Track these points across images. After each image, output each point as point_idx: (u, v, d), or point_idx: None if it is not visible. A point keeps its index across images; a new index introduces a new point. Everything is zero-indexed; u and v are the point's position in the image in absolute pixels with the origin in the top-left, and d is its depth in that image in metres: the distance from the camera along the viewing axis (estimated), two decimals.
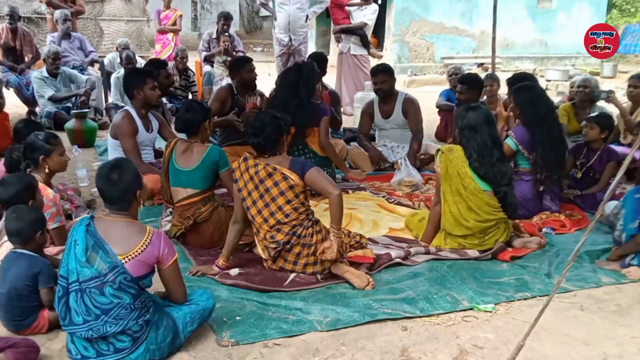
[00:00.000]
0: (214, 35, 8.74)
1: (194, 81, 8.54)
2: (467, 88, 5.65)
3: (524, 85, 4.59)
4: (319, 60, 6.20)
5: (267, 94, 5.75)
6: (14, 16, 8.28)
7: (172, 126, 5.49)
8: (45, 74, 7.52)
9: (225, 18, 8.72)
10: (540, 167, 4.28)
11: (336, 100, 6.50)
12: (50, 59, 7.46)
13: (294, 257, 3.31)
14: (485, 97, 6.39)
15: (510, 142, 4.30)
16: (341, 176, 5.46)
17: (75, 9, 9.49)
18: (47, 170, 3.53)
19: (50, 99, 7.47)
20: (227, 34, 8.61)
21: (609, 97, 5.73)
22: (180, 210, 3.76)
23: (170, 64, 8.46)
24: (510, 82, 5.40)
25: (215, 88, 7.95)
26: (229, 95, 5.53)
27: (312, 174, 3.25)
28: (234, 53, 8.56)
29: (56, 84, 7.58)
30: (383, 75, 5.70)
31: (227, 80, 8.18)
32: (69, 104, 7.56)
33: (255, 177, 3.29)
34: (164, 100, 7.87)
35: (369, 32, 8.93)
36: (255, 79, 5.60)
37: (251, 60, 5.69)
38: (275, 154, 3.36)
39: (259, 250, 3.41)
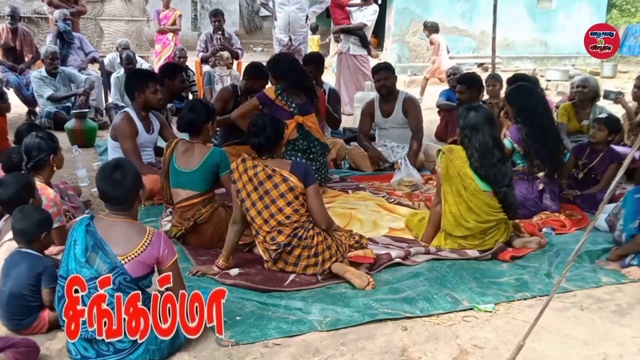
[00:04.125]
0: (210, 35, 8.75)
1: (194, 81, 8.54)
2: (466, 88, 5.69)
3: (515, 87, 4.64)
4: (316, 60, 6.20)
5: None
6: (15, 16, 8.28)
7: (173, 126, 5.50)
8: (44, 74, 7.52)
9: (215, 15, 8.73)
10: (532, 156, 4.30)
11: (336, 99, 6.49)
12: (48, 59, 7.45)
13: (295, 259, 3.32)
14: (487, 97, 6.41)
15: (506, 142, 4.31)
16: (339, 176, 5.47)
17: (77, 9, 9.47)
18: (54, 169, 3.55)
19: (50, 98, 7.46)
20: (220, 32, 8.62)
21: (618, 98, 5.75)
22: (180, 212, 3.75)
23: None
24: (510, 82, 5.45)
25: (217, 87, 7.95)
26: (231, 96, 5.53)
27: (310, 192, 3.31)
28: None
29: (55, 83, 7.57)
30: (385, 72, 5.72)
31: (227, 80, 8.21)
32: (69, 104, 7.56)
33: (254, 178, 3.29)
34: None
35: (368, 33, 8.94)
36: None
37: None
38: (273, 156, 3.38)
39: (260, 252, 3.41)
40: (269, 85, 5.06)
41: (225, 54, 8.51)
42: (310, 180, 3.32)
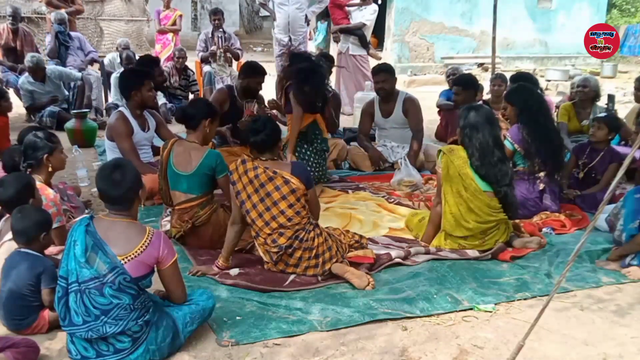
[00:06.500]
0: (210, 35, 8.76)
1: (195, 80, 8.54)
2: (462, 89, 5.68)
3: (516, 86, 4.65)
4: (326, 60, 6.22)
5: (264, 97, 5.75)
6: (16, 16, 8.27)
7: (174, 127, 5.50)
8: (31, 79, 7.46)
9: (215, 13, 8.75)
10: (533, 155, 4.30)
11: (337, 103, 6.49)
12: (32, 74, 7.41)
13: (295, 260, 3.31)
14: (490, 97, 6.41)
15: (507, 144, 4.31)
16: (339, 176, 5.47)
17: (75, 8, 9.46)
18: (50, 169, 3.53)
19: (27, 108, 7.45)
20: (221, 29, 8.64)
21: (612, 110, 5.86)
22: (179, 213, 3.73)
23: (170, 64, 8.49)
24: (512, 80, 5.49)
25: (217, 87, 7.96)
26: (227, 96, 5.52)
27: (311, 194, 3.35)
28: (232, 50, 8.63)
29: (44, 87, 7.51)
30: (384, 75, 5.71)
31: (227, 80, 8.20)
32: (65, 106, 7.55)
33: (255, 180, 3.28)
34: (164, 100, 7.91)
35: (368, 33, 8.93)
36: (260, 90, 5.59)
37: (264, 74, 5.61)
38: (273, 157, 3.37)
39: (260, 254, 3.41)
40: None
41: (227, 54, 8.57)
42: (310, 184, 3.34)
